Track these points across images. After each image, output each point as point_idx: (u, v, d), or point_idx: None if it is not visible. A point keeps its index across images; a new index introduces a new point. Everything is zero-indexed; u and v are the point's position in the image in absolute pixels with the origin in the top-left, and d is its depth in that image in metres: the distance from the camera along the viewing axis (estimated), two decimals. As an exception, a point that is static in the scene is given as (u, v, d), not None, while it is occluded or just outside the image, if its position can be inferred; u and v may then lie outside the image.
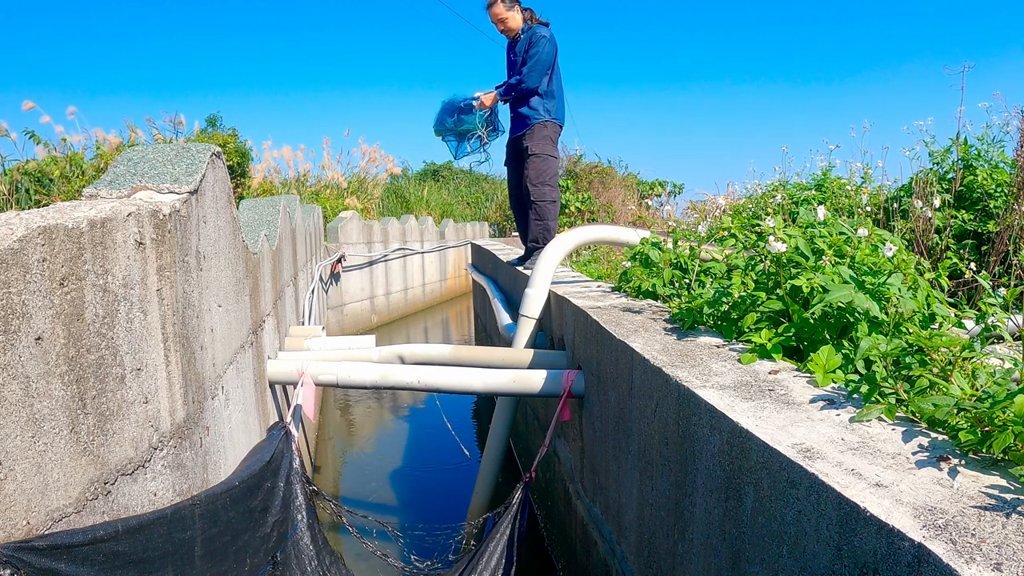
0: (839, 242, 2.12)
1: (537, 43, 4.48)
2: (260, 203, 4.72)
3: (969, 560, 0.87)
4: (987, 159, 4.08)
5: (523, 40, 4.59)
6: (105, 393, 1.46)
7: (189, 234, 2.05)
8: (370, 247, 11.97)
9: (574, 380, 2.86)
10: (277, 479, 2.61)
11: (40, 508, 1.21)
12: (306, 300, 6.34)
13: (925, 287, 1.92)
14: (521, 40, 4.60)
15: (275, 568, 2.42)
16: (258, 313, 3.22)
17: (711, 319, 2.31)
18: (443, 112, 4.77)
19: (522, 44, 4.58)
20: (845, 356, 1.69)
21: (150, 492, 1.67)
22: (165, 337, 1.79)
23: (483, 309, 7.76)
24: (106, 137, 8.17)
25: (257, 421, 2.97)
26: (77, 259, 1.37)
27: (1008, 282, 3.18)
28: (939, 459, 1.18)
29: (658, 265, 2.97)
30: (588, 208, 12.91)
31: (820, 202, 4.54)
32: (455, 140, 4.82)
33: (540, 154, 4.58)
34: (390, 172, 17.15)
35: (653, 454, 1.97)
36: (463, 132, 4.77)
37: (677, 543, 1.80)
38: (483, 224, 18.78)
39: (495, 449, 3.77)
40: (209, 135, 10.00)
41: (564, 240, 3.55)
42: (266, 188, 11.60)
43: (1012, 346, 1.71)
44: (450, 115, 4.73)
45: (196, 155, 2.23)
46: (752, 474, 1.35)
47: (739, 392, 1.60)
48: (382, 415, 6.92)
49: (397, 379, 3.06)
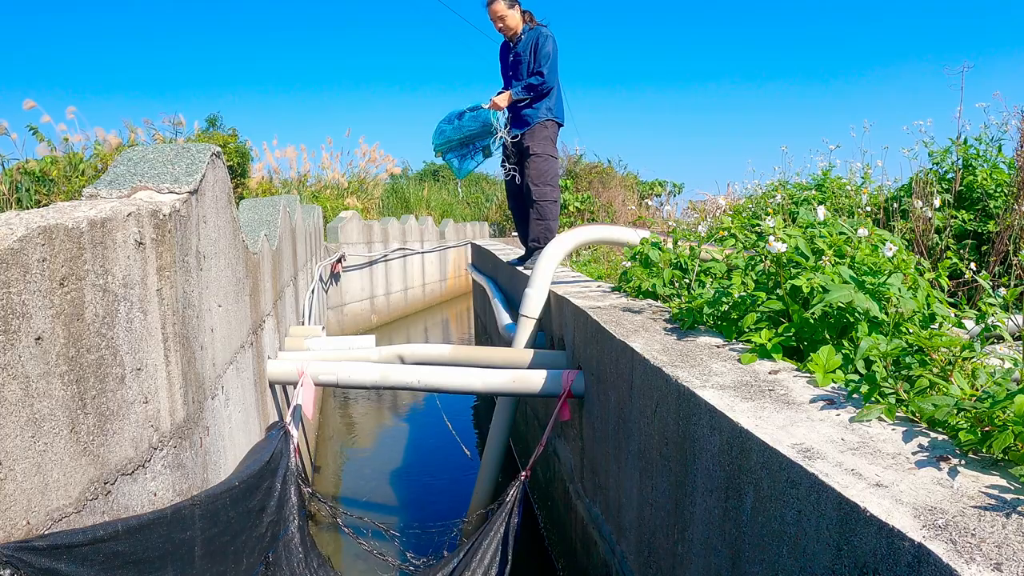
0: (839, 242, 2.12)
1: (546, 42, 4.49)
2: (260, 203, 4.72)
3: (969, 560, 0.87)
4: (987, 159, 4.08)
5: (526, 40, 4.58)
6: (105, 393, 1.46)
7: (189, 234, 2.05)
8: (370, 247, 11.97)
9: (574, 380, 2.86)
10: (275, 479, 2.61)
11: (40, 508, 1.21)
12: (306, 300, 6.34)
13: (925, 287, 1.92)
14: (523, 40, 4.60)
15: (267, 568, 2.42)
16: (258, 313, 3.22)
17: (711, 319, 2.31)
18: (441, 123, 4.59)
19: (525, 44, 4.58)
20: (845, 356, 1.69)
21: (150, 492, 1.67)
22: (165, 337, 1.79)
23: (483, 309, 7.76)
24: (106, 137, 8.17)
25: (257, 421, 2.97)
26: (77, 259, 1.36)
27: (1008, 282, 3.18)
28: (939, 459, 1.18)
29: (658, 265, 2.97)
30: (588, 208, 12.91)
31: (820, 202, 4.54)
32: (457, 157, 4.63)
33: (541, 154, 4.56)
34: (390, 172, 17.15)
35: (653, 454, 1.97)
36: (466, 141, 4.56)
37: (677, 543, 1.80)
38: (483, 224, 18.77)
39: (495, 449, 3.77)
40: (209, 135, 10.00)
41: (564, 240, 3.55)
42: (266, 188, 11.60)
43: (1012, 346, 1.70)
44: (449, 122, 4.56)
45: (196, 155, 2.23)
46: (752, 474, 1.35)
47: (739, 392, 1.60)
48: (382, 415, 6.92)
49: (397, 379, 3.06)
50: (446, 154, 4.63)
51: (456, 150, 4.62)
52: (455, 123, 4.55)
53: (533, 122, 4.56)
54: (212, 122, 10.58)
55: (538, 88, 4.51)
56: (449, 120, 4.57)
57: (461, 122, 4.53)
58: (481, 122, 4.50)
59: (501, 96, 4.54)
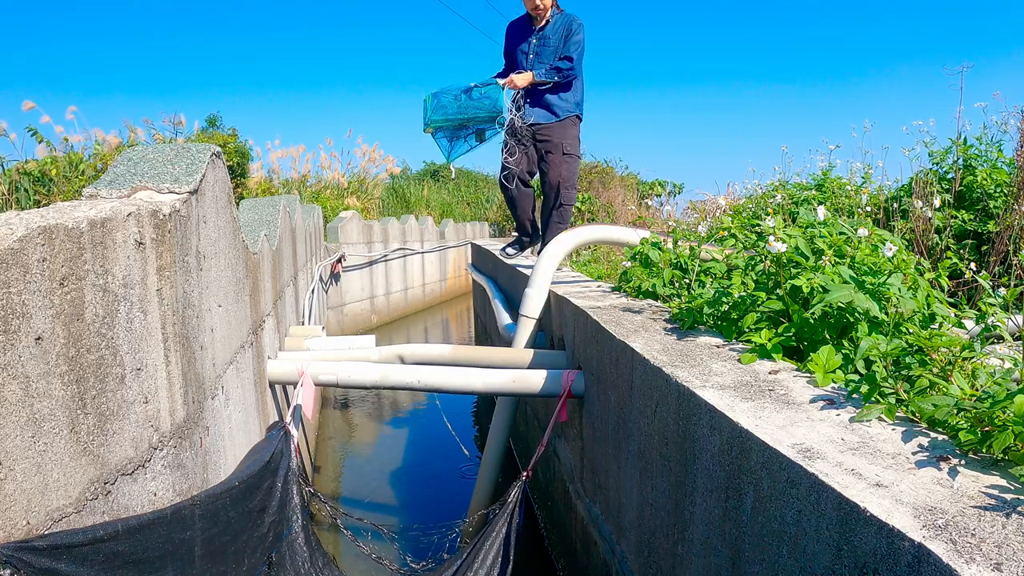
0: (839, 242, 2.12)
1: (579, 30, 4.34)
2: (260, 203, 4.72)
3: (969, 560, 0.87)
4: (987, 159, 4.09)
5: (557, 24, 4.42)
6: (105, 393, 1.46)
7: (189, 234, 2.05)
8: (370, 247, 11.97)
9: (574, 380, 2.86)
10: (275, 479, 2.61)
11: (40, 508, 1.21)
12: (306, 300, 6.34)
13: (925, 287, 1.92)
14: (552, 24, 4.43)
15: (270, 568, 2.42)
16: (258, 313, 3.22)
17: (711, 319, 2.31)
18: (442, 96, 4.12)
19: (555, 28, 4.41)
20: (845, 356, 1.69)
21: (150, 492, 1.67)
22: (165, 337, 1.79)
23: (483, 309, 7.76)
24: (105, 137, 8.17)
25: (257, 421, 2.97)
26: (77, 259, 1.36)
27: (1008, 282, 3.18)
28: (939, 459, 1.18)
29: (658, 265, 2.97)
30: (588, 208, 12.90)
31: (820, 202, 4.54)
32: (448, 138, 4.26)
33: (574, 154, 4.37)
34: (390, 172, 17.14)
35: (653, 454, 1.97)
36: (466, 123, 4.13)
37: (677, 543, 1.80)
38: (483, 224, 18.76)
39: (495, 449, 3.77)
40: (209, 135, 9.99)
41: (564, 240, 3.55)
42: (266, 188, 11.59)
43: (1012, 346, 1.70)
44: (455, 98, 4.11)
45: (196, 155, 2.23)
46: (752, 474, 1.35)
47: (739, 392, 1.60)
48: (382, 415, 6.92)
49: (397, 379, 3.06)
50: (436, 132, 4.22)
51: (449, 130, 4.23)
52: (461, 100, 4.15)
53: (563, 115, 4.36)
54: (212, 122, 10.58)
55: (565, 74, 4.29)
56: (455, 95, 4.15)
57: (469, 99, 4.13)
58: (489, 108, 4.11)
59: (522, 75, 4.25)
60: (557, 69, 4.30)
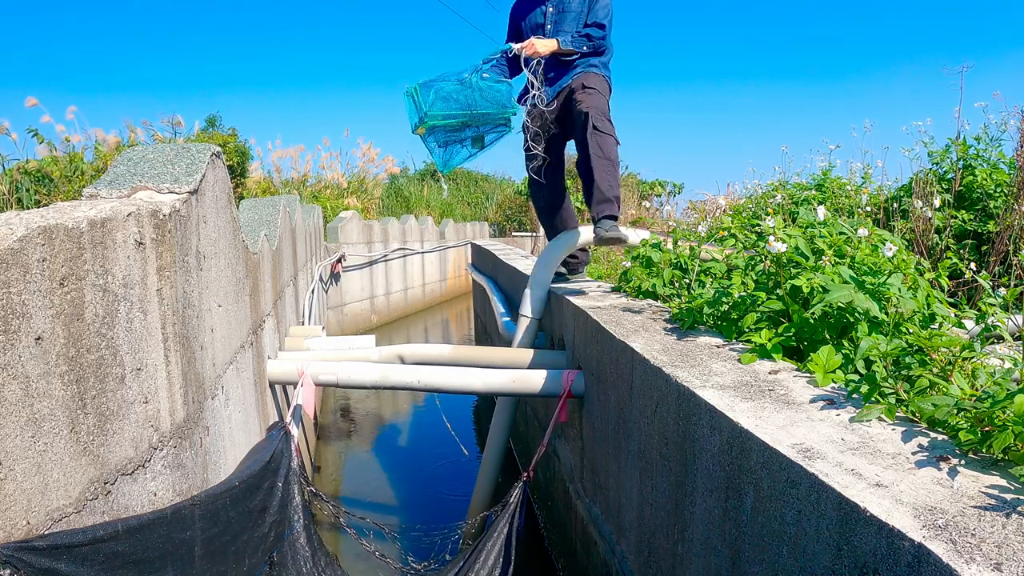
0: (839, 242, 2.12)
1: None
2: (260, 203, 4.72)
3: (969, 560, 0.87)
4: (986, 159, 4.09)
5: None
6: (105, 393, 1.46)
7: (189, 234, 2.05)
8: (370, 247, 11.97)
9: (574, 380, 2.86)
10: (276, 479, 2.61)
11: (40, 508, 1.21)
12: (306, 300, 6.34)
13: (925, 287, 1.92)
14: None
15: (272, 568, 2.42)
16: (258, 313, 3.22)
17: (711, 319, 2.31)
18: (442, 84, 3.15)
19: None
20: (845, 356, 1.69)
21: (150, 492, 1.67)
22: (165, 337, 1.79)
23: (483, 309, 7.76)
24: (105, 138, 8.17)
25: (257, 421, 2.97)
26: (77, 259, 1.36)
27: (1008, 282, 3.18)
28: (939, 459, 1.18)
29: (658, 265, 2.97)
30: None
31: (820, 202, 4.54)
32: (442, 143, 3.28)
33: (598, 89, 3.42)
34: (390, 172, 17.15)
35: (653, 454, 1.97)
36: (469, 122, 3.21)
37: (677, 543, 1.80)
38: (483, 224, 18.76)
39: (495, 449, 3.77)
40: (209, 135, 9.99)
41: (565, 240, 3.55)
42: (266, 188, 11.59)
43: (1012, 346, 1.70)
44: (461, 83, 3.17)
45: (196, 155, 2.23)
46: (752, 474, 1.35)
47: (739, 392, 1.60)
48: (382, 415, 6.92)
49: (397, 379, 3.06)
50: (428, 136, 3.23)
51: (444, 131, 3.25)
52: (470, 88, 3.19)
53: (585, 68, 3.48)
54: (211, 122, 10.57)
55: (597, 43, 3.49)
56: (459, 79, 3.18)
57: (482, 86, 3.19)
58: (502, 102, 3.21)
59: (544, 41, 3.40)
60: (587, 36, 3.49)
